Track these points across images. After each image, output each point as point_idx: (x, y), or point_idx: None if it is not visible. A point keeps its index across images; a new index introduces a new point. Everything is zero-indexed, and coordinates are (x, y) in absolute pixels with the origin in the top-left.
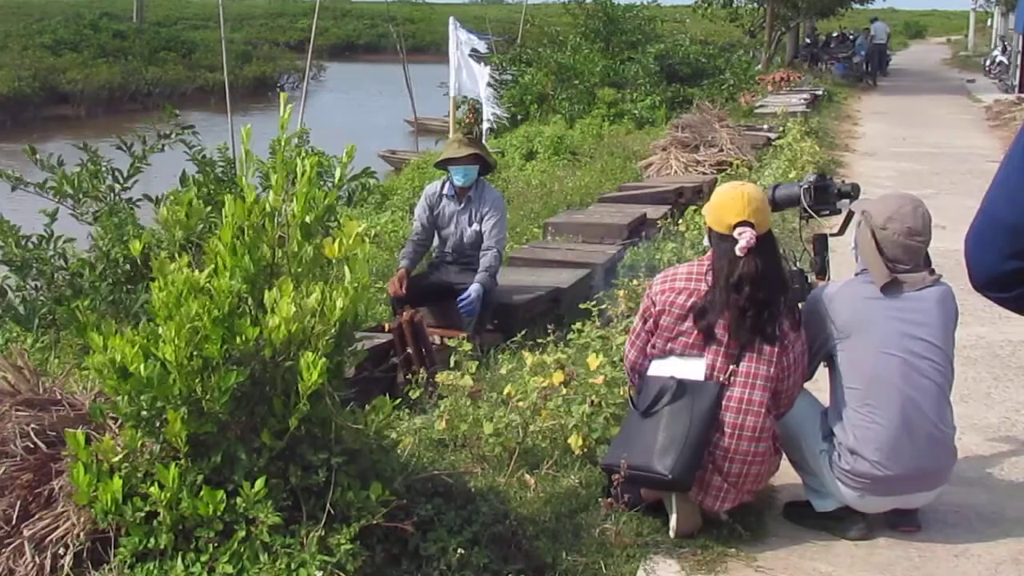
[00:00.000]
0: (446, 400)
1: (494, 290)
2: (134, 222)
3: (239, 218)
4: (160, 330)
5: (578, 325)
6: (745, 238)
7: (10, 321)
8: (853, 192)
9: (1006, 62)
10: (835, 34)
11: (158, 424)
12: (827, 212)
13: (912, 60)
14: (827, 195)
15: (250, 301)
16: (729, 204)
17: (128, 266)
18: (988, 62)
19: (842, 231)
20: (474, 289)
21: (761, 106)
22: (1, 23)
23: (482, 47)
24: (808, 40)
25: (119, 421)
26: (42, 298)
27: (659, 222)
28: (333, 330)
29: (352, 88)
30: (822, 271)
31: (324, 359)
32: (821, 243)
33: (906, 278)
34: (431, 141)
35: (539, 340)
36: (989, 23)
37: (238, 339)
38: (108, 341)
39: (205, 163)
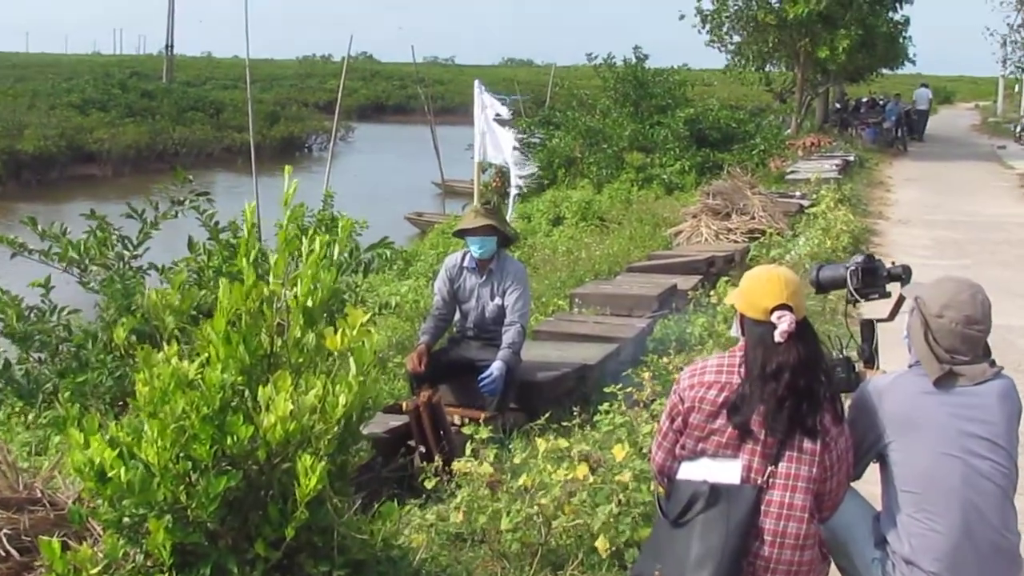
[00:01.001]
0: (463, 490)
1: (517, 367)
2: (142, 292)
3: (235, 303)
4: (144, 427)
5: (604, 406)
6: (785, 322)
7: (12, 395)
8: (904, 274)
9: None
10: (865, 99)
11: (142, 532)
12: (875, 296)
13: (941, 126)
14: (875, 277)
15: (245, 395)
16: (765, 287)
17: (135, 337)
18: (1018, 128)
19: (892, 317)
20: (496, 367)
21: (793, 172)
22: (30, 82)
23: (505, 112)
24: (838, 105)
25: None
26: (46, 371)
27: (690, 293)
28: (336, 428)
29: (380, 149)
30: (870, 360)
31: (324, 462)
32: (868, 329)
33: (963, 370)
34: (458, 204)
35: (564, 423)
36: (1017, 89)
37: (230, 439)
38: (89, 438)
39: (217, 230)
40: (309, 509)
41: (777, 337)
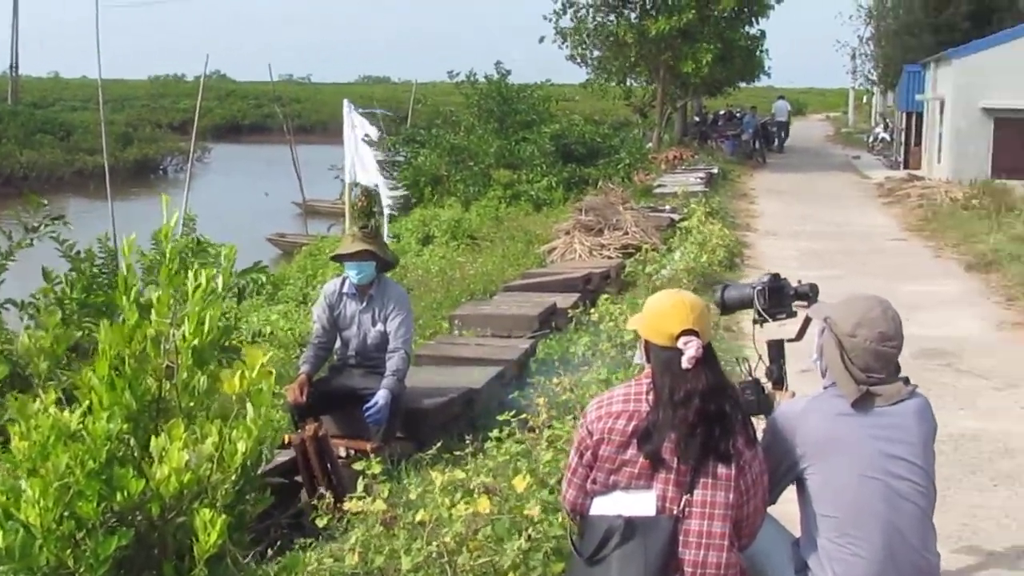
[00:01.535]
0: (357, 530)
1: (403, 394)
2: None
3: (118, 346)
4: (23, 486)
5: (495, 433)
6: (693, 348)
7: None
8: (811, 293)
9: (889, 139)
10: (723, 112)
11: None
12: (783, 316)
13: (797, 137)
14: (782, 297)
15: (132, 444)
16: (671, 312)
17: None
18: (871, 139)
19: (800, 336)
20: (381, 395)
21: (660, 185)
22: None
23: (374, 133)
24: (697, 118)
25: None
26: None
27: (570, 311)
28: (233, 477)
29: (238, 170)
30: (779, 380)
31: (224, 515)
32: (777, 350)
33: (880, 390)
34: (321, 224)
35: (455, 452)
36: (865, 100)
37: (119, 494)
38: None
39: (78, 260)
40: (208, 566)
41: (685, 363)
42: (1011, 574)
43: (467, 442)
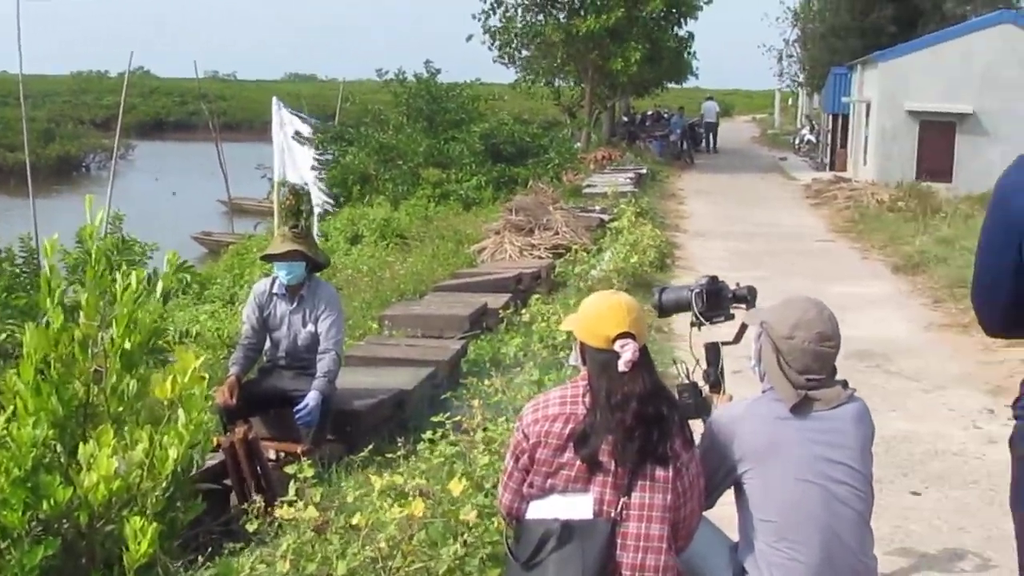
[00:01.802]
0: (288, 536)
1: (333, 396)
2: None
3: (43, 350)
4: None
5: (428, 435)
6: (629, 351)
7: None
8: (749, 295)
9: (815, 140)
10: (650, 112)
11: None
12: (721, 318)
13: (723, 138)
14: (720, 299)
15: (59, 450)
16: (607, 315)
17: None
18: (797, 140)
19: (737, 339)
20: (312, 397)
21: (589, 185)
22: None
23: (306, 130)
24: (625, 118)
25: None
26: None
27: (501, 312)
28: (164, 484)
29: (162, 167)
30: (716, 383)
31: (155, 523)
32: (714, 353)
33: (819, 395)
34: (247, 222)
35: (388, 454)
36: (790, 102)
37: (45, 503)
38: None
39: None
40: (138, 575)
41: (622, 367)
42: None
43: (399, 444)
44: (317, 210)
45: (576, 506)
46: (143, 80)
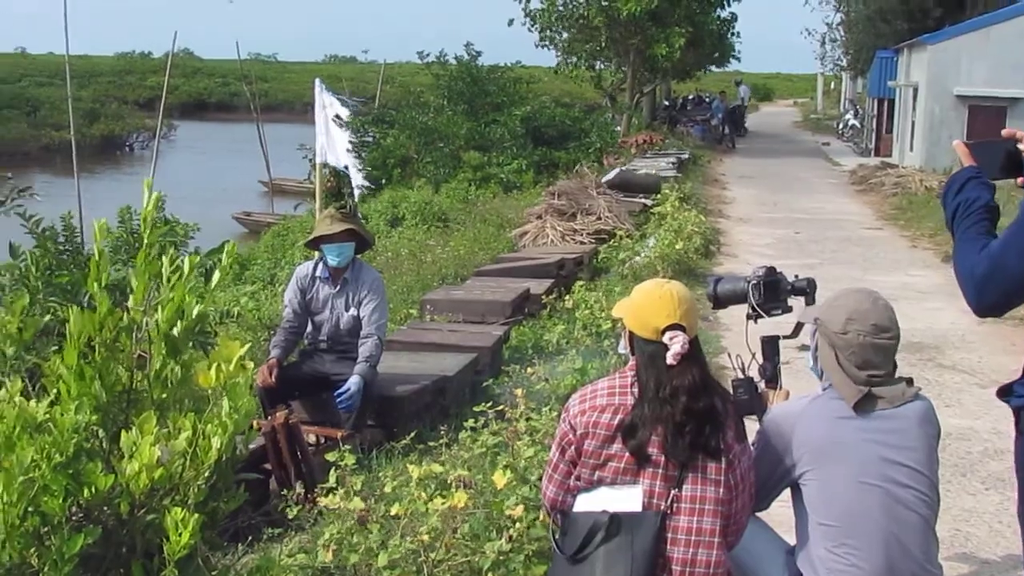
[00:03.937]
0: (331, 526)
1: (375, 381)
2: None
3: (88, 333)
4: None
5: (470, 423)
6: (678, 344)
7: None
8: (809, 288)
9: (859, 125)
10: (691, 96)
11: None
12: (778, 311)
13: (765, 122)
14: (778, 291)
15: (101, 436)
16: (656, 305)
17: None
18: (841, 125)
19: (795, 333)
20: (353, 382)
21: (631, 170)
22: None
23: (345, 113)
24: (667, 103)
25: None
26: None
27: (544, 298)
28: (207, 474)
29: (203, 148)
30: (773, 379)
31: (197, 515)
32: (771, 346)
33: (882, 392)
34: (287, 203)
35: (428, 442)
36: (832, 86)
37: (87, 490)
38: None
39: (45, 238)
40: (178, 567)
41: (670, 360)
42: None
43: (440, 432)
44: (356, 192)
45: (625, 498)
46: (186, 61)
